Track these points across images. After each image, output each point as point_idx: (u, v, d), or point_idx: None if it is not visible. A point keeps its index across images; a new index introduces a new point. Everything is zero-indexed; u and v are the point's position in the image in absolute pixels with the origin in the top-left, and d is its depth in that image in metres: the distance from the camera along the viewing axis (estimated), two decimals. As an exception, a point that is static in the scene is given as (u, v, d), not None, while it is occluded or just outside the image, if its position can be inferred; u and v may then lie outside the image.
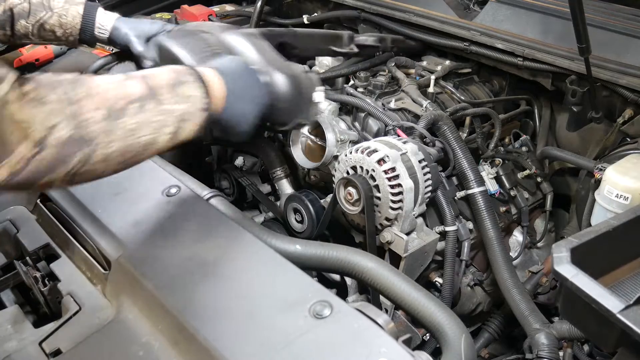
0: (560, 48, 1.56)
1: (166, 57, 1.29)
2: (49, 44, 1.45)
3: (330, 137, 1.46)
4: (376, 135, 1.51)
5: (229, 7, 2.29)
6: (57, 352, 0.90)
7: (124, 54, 1.46)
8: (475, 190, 1.43)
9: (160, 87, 0.90)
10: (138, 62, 1.41)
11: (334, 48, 1.65)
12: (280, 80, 1.23)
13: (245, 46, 1.29)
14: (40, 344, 0.92)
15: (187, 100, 0.92)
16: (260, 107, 1.10)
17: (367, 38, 1.78)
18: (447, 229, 1.39)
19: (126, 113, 0.84)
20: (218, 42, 1.30)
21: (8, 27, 1.32)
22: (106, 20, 1.40)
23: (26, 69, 1.68)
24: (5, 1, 1.29)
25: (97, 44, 1.44)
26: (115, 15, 1.42)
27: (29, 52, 1.68)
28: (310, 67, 1.76)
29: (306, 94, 1.29)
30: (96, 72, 1.56)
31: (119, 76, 0.88)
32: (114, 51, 1.54)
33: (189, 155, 1.74)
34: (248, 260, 0.94)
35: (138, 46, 1.39)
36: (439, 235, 1.38)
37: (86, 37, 1.39)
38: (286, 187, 1.65)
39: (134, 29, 1.41)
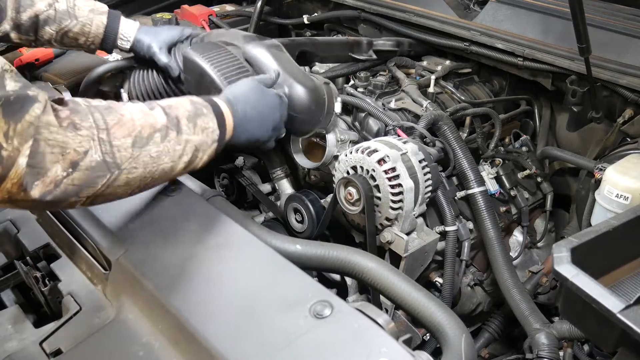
0: (560, 48, 1.57)
1: (191, 70, 1.33)
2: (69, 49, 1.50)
3: (330, 137, 1.46)
4: (376, 135, 1.51)
5: (229, 7, 2.29)
6: (58, 352, 0.90)
7: (140, 59, 1.48)
8: (476, 190, 1.43)
9: (180, 117, 0.96)
10: (165, 72, 1.45)
11: (353, 55, 1.67)
12: (300, 92, 1.29)
13: (268, 59, 1.33)
14: (40, 343, 0.92)
15: (203, 132, 0.99)
16: (274, 122, 1.18)
17: (384, 42, 1.79)
18: (448, 229, 1.39)
19: (151, 141, 0.90)
20: (242, 55, 1.34)
21: (32, 33, 1.36)
22: (129, 31, 1.44)
23: (26, 69, 1.67)
24: (31, 7, 1.32)
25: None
26: (136, 25, 1.46)
27: (29, 52, 1.68)
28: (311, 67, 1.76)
29: (326, 104, 1.37)
30: (103, 76, 1.59)
31: (143, 105, 0.94)
32: (125, 57, 1.57)
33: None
34: (248, 260, 0.94)
35: (163, 57, 1.44)
36: (439, 235, 1.38)
37: (107, 46, 1.45)
38: (286, 187, 1.65)
39: (156, 40, 1.44)
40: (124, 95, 1.59)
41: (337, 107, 1.41)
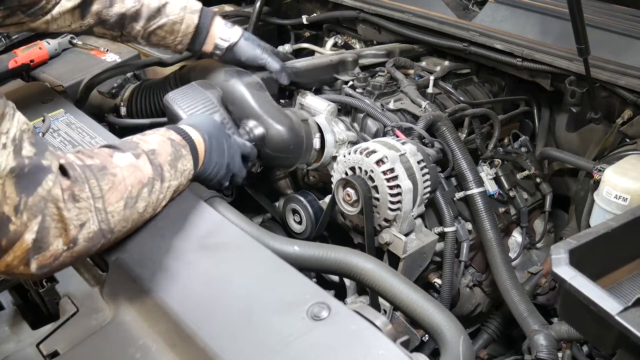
0: (559, 49, 1.57)
1: (170, 116, 1.36)
2: (154, 49, 1.41)
3: (328, 137, 1.46)
4: (375, 136, 1.50)
5: (228, 8, 2.29)
6: (55, 354, 0.90)
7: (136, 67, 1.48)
8: (474, 191, 1.43)
9: (163, 164, 0.98)
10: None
11: (338, 76, 1.65)
12: (278, 132, 1.32)
13: (247, 98, 1.35)
14: (37, 345, 0.92)
15: (182, 175, 1.03)
16: (229, 159, 1.16)
17: (375, 53, 1.77)
18: (446, 229, 1.39)
19: (140, 198, 0.92)
20: (219, 97, 1.36)
21: (117, 29, 1.32)
22: (228, 34, 1.39)
23: (22, 70, 1.67)
24: (122, 3, 1.29)
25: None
26: (238, 31, 1.41)
27: (24, 53, 1.68)
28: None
29: (305, 141, 1.39)
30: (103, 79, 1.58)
31: (131, 157, 0.93)
32: (124, 59, 1.57)
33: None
34: (246, 261, 0.94)
35: (275, 64, 1.42)
36: (437, 236, 1.38)
37: (195, 47, 1.39)
38: (285, 188, 1.65)
39: (264, 48, 1.42)
40: (122, 109, 1.60)
41: (317, 144, 1.43)
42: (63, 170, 0.81)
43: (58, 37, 1.79)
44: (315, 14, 2.18)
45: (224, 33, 1.39)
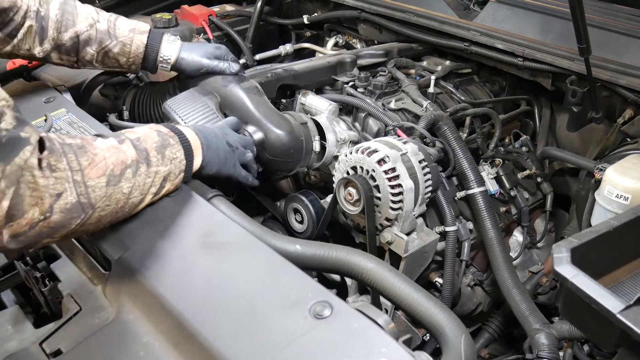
0: (560, 48, 1.57)
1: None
2: (112, 71, 1.46)
3: (330, 137, 1.46)
4: (376, 135, 1.51)
5: (229, 7, 2.29)
6: (58, 353, 0.90)
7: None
8: (476, 190, 1.43)
9: (149, 149, 0.99)
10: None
11: (337, 78, 1.66)
12: (278, 136, 1.34)
13: (245, 103, 1.36)
14: (40, 344, 0.92)
15: (172, 162, 1.03)
16: (231, 161, 1.19)
17: (373, 52, 1.78)
18: (447, 229, 1.39)
19: (123, 178, 0.93)
20: (217, 104, 1.38)
21: (73, 53, 1.35)
22: (170, 52, 1.41)
23: (21, 71, 1.66)
24: (73, 27, 1.32)
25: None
26: (178, 44, 1.43)
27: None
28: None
29: (304, 145, 1.40)
30: (105, 80, 1.61)
31: (113, 140, 0.95)
32: None
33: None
34: (248, 260, 0.94)
35: (214, 63, 1.43)
36: (439, 236, 1.38)
37: (148, 66, 1.43)
38: (286, 188, 1.65)
39: (201, 54, 1.43)
40: (125, 113, 1.60)
41: (316, 147, 1.44)
42: (41, 143, 0.83)
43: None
44: (316, 14, 2.18)
45: (166, 51, 1.41)
